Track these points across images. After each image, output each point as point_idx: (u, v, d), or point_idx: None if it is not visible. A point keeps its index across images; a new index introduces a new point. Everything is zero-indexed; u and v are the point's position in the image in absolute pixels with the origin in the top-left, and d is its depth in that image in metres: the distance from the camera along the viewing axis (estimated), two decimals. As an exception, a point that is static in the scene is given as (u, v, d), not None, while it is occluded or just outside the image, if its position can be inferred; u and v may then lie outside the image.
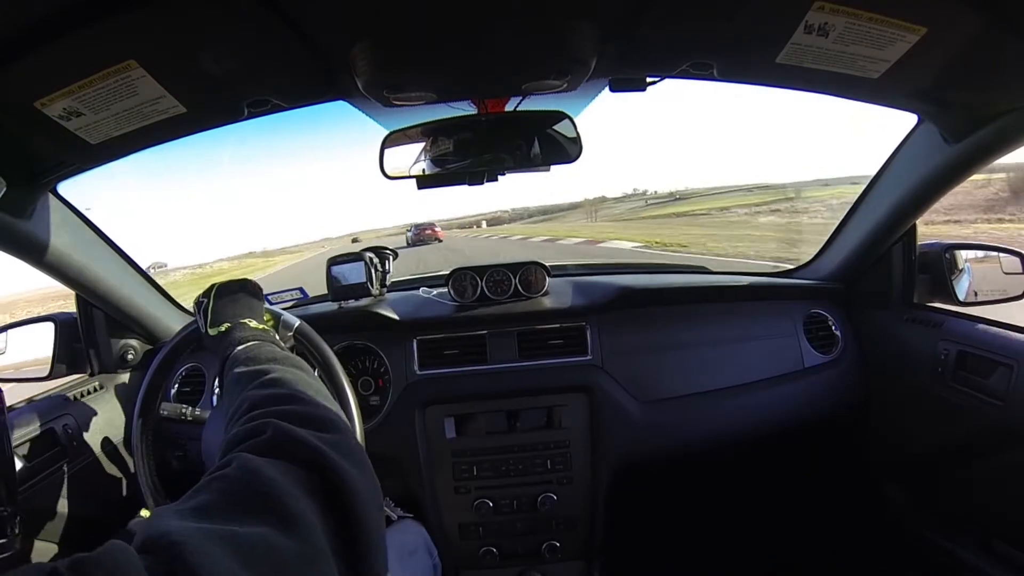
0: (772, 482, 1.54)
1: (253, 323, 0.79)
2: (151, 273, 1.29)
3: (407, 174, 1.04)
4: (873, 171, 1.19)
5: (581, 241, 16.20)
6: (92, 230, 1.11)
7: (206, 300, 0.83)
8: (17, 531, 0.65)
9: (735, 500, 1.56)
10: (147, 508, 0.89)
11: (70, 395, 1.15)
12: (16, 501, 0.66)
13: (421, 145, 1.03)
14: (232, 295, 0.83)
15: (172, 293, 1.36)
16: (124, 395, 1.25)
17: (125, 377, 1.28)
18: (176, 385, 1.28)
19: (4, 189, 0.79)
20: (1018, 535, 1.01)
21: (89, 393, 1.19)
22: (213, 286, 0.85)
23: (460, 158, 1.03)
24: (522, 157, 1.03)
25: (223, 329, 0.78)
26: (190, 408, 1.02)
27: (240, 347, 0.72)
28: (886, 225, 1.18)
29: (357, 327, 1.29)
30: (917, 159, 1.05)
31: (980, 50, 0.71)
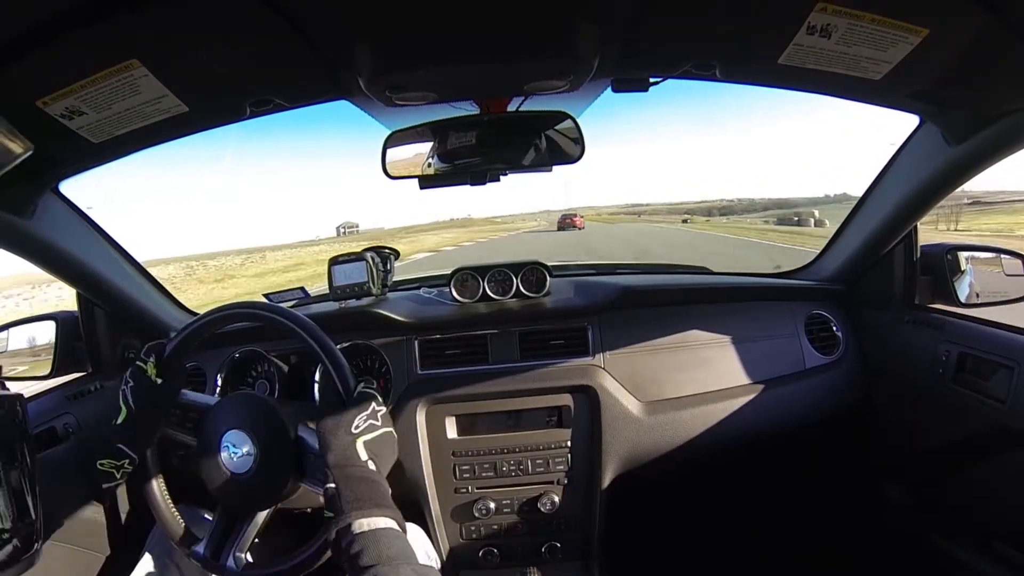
0: (773, 483, 1.54)
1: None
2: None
3: (409, 173, 1.04)
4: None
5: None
6: (94, 228, 1.12)
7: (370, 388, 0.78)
8: (40, 543, 0.64)
9: (736, 501, 1.56)
10: (152, 508, 0.88)
11: (71, 394, 1.16)
12: (39, 513, 0.65)
13: (423, 145, 1.03)
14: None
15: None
16: None
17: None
18: None
19: (31, 151, 0.76)
20: (1019, 536, 1.01)
21: (90, 392, 1.19)
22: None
23: (462, 158, 1.03)
24: (524, 157, 1.03)
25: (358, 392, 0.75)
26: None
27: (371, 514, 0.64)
28: (888, 226, 1.18)
29: (358, 327, 1.29)
30: (919, 160, 1.05)
31: (982, 51, 0.71)
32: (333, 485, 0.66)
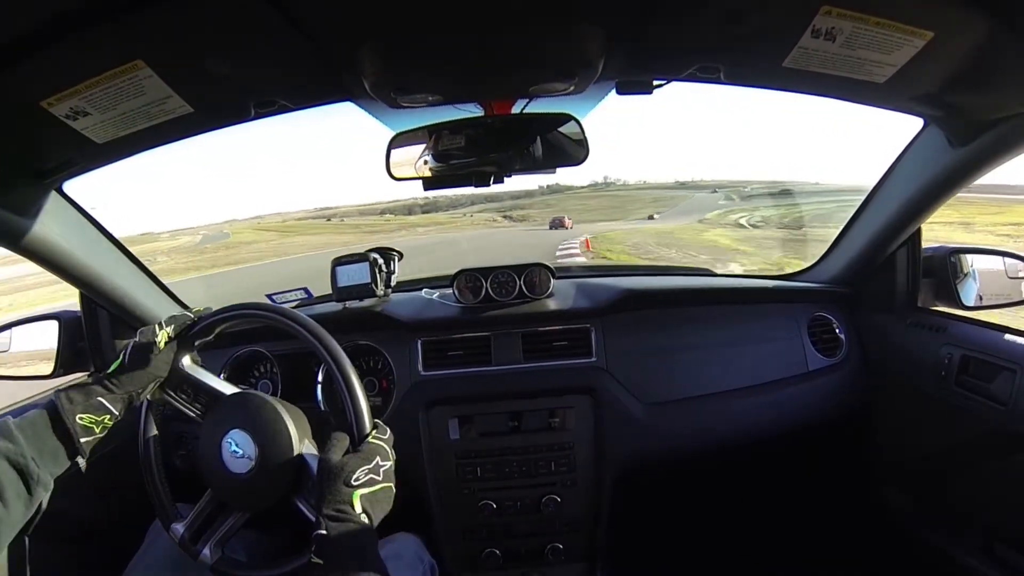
0: (775, 485, 1.54)
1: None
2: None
3: (413, 175, 1.04)
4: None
5: None
6: (97, 229, 1.11)
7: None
8: None
9: (738, 502, 1.56)
10: (155, 509, 0.88)
11: None
12: None
13: (427, 146, 1.03)
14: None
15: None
16: None
17: None
18: None
19: None
20: (1020, 539, 1.01)
21: None
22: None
23: (466, 160, 1.03)
24: (528, 159, 1.03)
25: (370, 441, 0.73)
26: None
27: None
28: (891, 228, 1.18)
29: (361, 327, 1.29)
30: (922, 163, 1.05)
31: (986, 54, 0.71)
32: (324, 532, 0.66)
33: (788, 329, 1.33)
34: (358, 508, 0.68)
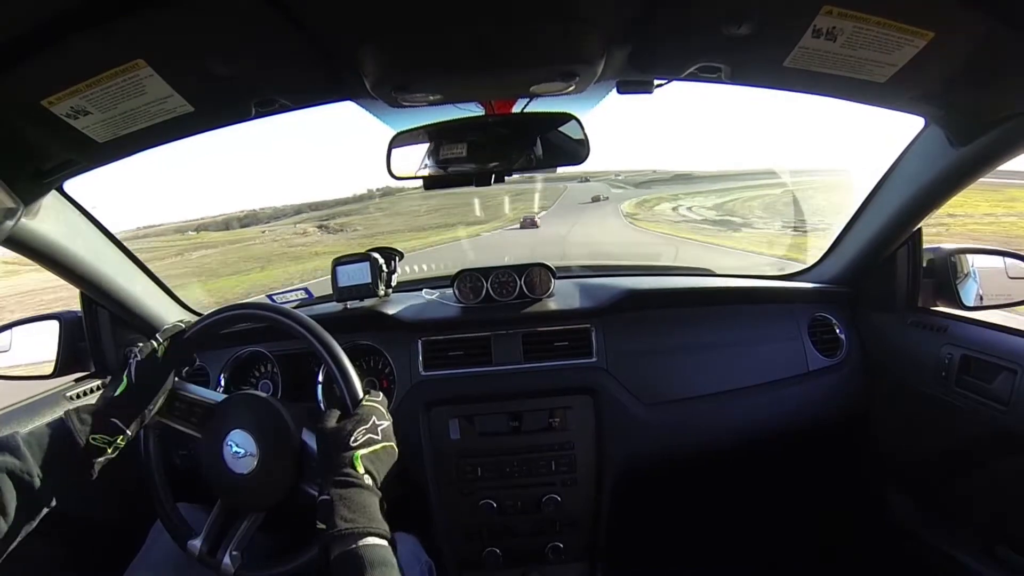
0: (775, 485, 1.54)
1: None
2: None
3: (414, 174, 1.04)
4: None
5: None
6: (98, 228, 1.12)
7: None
8: None
9: (739, 503, 1.56)
10: (167, 530, 0.88)
11: (73, 394, 1.15)
12: None
13: (428, 146, 1.03)
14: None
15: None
16: None
17: None
18: None
19: (21, 211, 0.80)
20: (1020, 539, 1.01)
21: (92, 392, 1.19)
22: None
23: (467, 159, 1.03)
24: (529, 158, 1.03)
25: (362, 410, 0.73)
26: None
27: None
28: (891, 228, 1.18)
29: (362, 327, 1.29)
30: (923, 162, 1.05)
31: (988, 54, 0.71)
32: (327, 497, 0.66)
33: (788, 329, 1.33)
34: (361, 469, 0.69)
